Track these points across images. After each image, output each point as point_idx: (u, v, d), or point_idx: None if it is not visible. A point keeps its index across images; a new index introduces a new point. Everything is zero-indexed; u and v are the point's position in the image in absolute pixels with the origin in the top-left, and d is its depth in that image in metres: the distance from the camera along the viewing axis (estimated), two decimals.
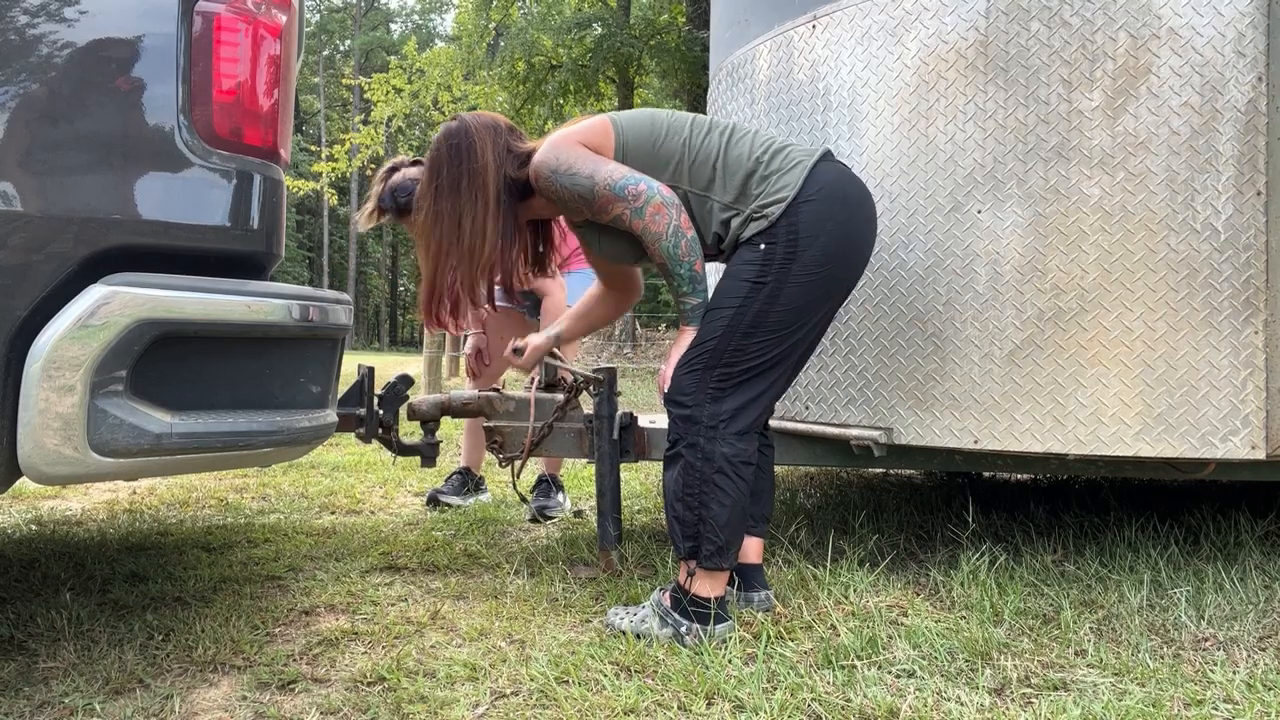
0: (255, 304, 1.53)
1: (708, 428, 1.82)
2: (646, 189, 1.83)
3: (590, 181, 1.85)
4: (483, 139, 1.94)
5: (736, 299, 1.83)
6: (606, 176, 1.85)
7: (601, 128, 1.92)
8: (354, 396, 2.47)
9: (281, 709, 1.51)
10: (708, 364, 1.83)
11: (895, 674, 1.63)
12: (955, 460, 2.43)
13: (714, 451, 1.81)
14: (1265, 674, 1.61)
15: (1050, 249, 2.07)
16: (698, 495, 1.82)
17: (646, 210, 1.83)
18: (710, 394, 1.83)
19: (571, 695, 1.53)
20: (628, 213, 1.84)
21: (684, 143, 1.91)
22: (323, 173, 19.26)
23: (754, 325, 1.82)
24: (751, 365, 1.83)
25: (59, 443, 1.38)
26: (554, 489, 3.27)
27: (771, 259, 1.82)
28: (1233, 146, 1.95)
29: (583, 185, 1.86)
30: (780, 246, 1.81)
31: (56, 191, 1.43)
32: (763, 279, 1.82)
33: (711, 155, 1.90)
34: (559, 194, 1.90)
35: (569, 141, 1.89)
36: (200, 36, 1.53)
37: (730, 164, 1.89)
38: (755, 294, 1.82)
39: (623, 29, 17.27)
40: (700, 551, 1.82)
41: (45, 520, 3.00)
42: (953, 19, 2.20)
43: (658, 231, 1.83)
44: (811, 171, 1.85)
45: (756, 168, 1.87)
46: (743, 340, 1.82)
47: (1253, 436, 1.94)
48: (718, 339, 1.83)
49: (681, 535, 1.84)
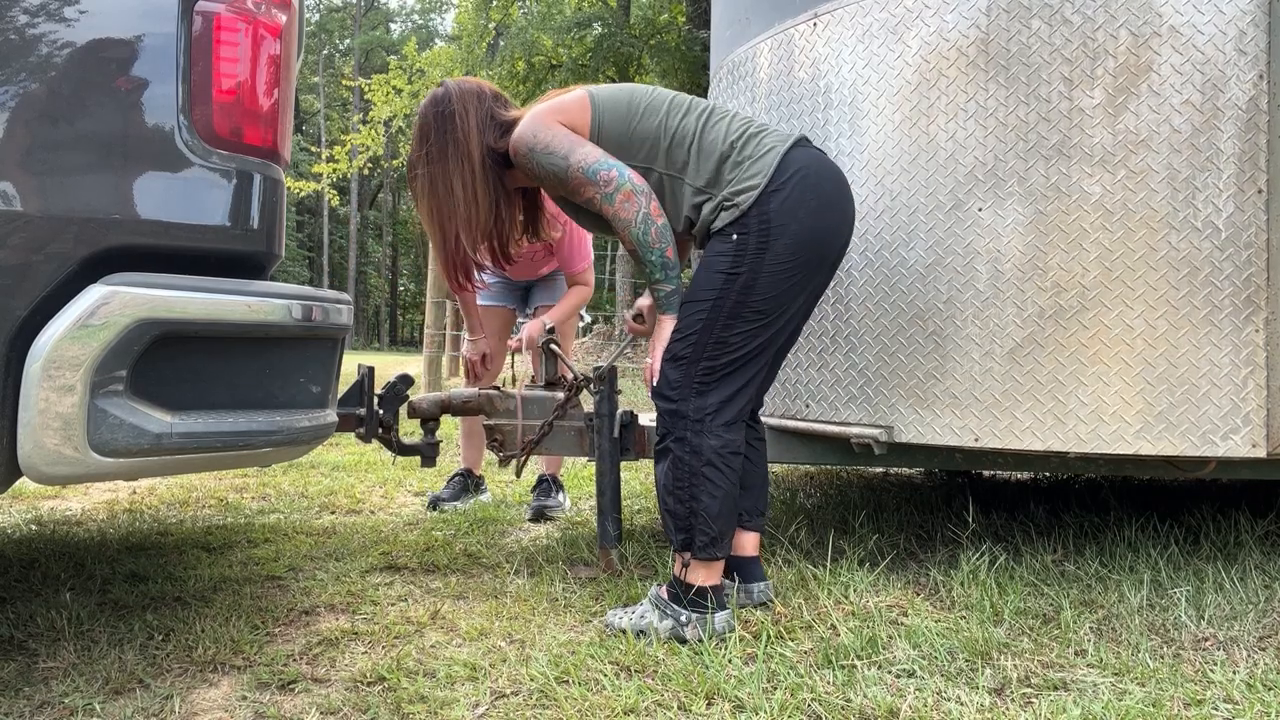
0: (255, 304, 1.53)
1: (694, 421, 1.83)
2: (617, 175, 1.84)
3: (565, 162, 1.86)
4: (465, 106, 1.96)
5: (713, 291, 1.83)
6: (580, 159, 1.85)
7: (579, 104, 1.92)
8: (354, 396, 2.46)
9: (281, 709, 1.51)
10: (692, 357, 1.84)
11: (895, 674, 1.63)
12: (956, 459, 2.43)
13: (702, 445, 1.83)
14: (1265, 674, 1.60)
15: (1051, 247, 2.07)
16: (688, 488, 1.83)
17: (616, 197, 1.84)
18: (695, 388, 1.84)
19: (571, 695, 1.53)
20: (598, 197, 1.85)
21: (660, 124, 1.91)
22: (323, 173, 19.27)
23: (732, 316, 1.82)
24: (735, 357, 1.84)
25: (59, 443, 1.38)
26: (554, 489, 3.27)
27: (744, 249, 1.82)
28: (1234, 145, 1.95)
29: (558, 165, 1.87)
30: (752, 236, 1.82)
31: (56, 191, 1.43)
32: (736, 269, 1.82)
33: (687, 137, 1.90)
34: (534, 170, 1.92)
35: (549, 119, 1.90)
36: (200, 36, 1.53)
37: (705, 147, 1.89)
38: (730, 285, 1.82)
39: (623, 29, 17.26)
40: (694, 543, 1.84)
41: (45, 520, 3.00)
42: (954, 17, 2.19)
43: (627, 218, 1.84)
44: (783, 158, 1.85)
45: (730, 152, 1.87)
46: (723, 332, 1.83)
47: (1253, 435, 1.94)
48: (699, 332, 1.84)
49: (675, 528, 1.87)
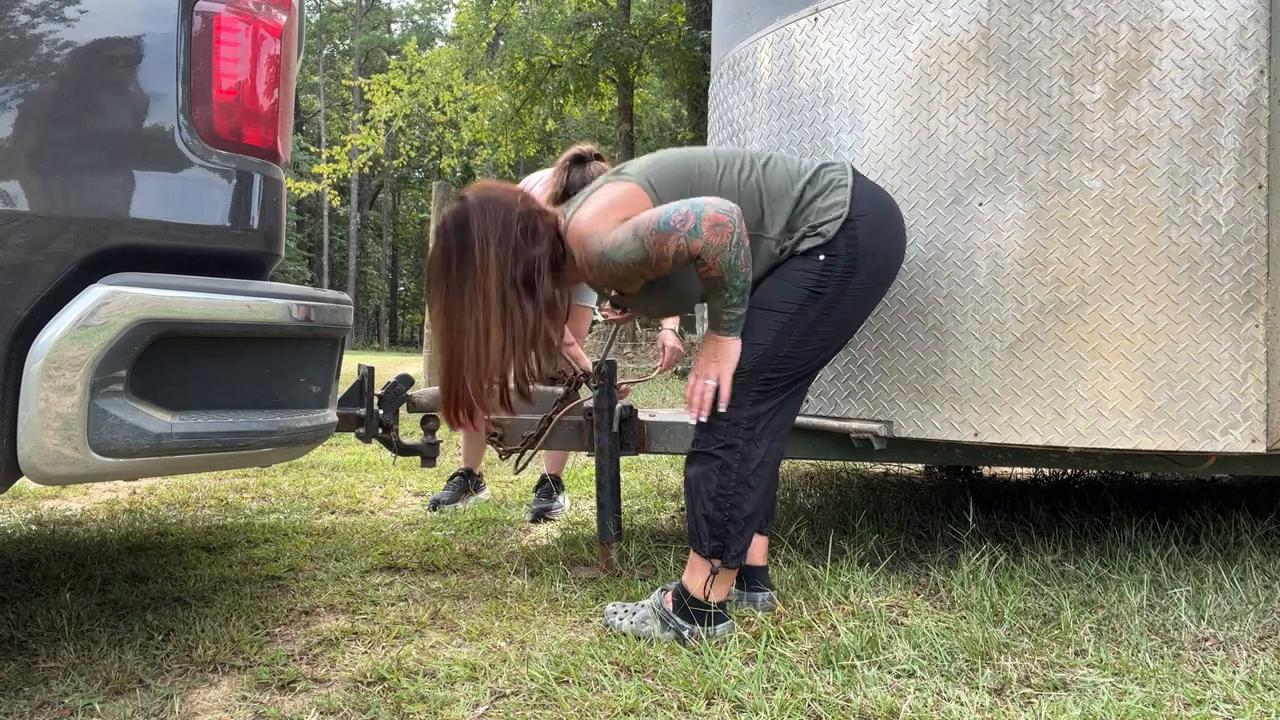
0: (255, 304, 1.53)
1: (746, 429, 1.80)
2: (690, 209, 1.68)
3: (638, 241, 1.71)
4: (486, 237, 1.79)
5: (792, 305, 1.80)
6: (648, 224, 1.70)
7: (634, 195, 1.80)
8: (354, 396, 2.46)
9: (281, 709, 1.51)
10: (755, 367, 1.80)
11: (895, 674, 1.62)
12: (955, 454, 2.42)
13: (752, 452, 1.80)
14: (1265, 674, 1.60)
15: (1051, 242, 2.07)
16: (732, 496, 1.80)
17: (702, 227, 1.66)
18: (753, 396, 1.81)
19: (571, 695, 1.53)
20: (682, 242, 1.67)
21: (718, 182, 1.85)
22: (323, 174, 19.26)
23: (806, 334, 1.81)
24: (795, 372, 1.83)
25: (59, 443, 1.38)
26: (555, 490, 3.27)
27: (832, 271, 1.80)
28: (1234, 140, 1.95)
29: (634, 250, 1.72)
30: (841, 259, 1.80)
31: (57, 191, 1.42)
32: (822, 289, 1.80)
33: (755, 193, 1.85)
34: (615, 272, 1.78)
35: (606, 220, 1.78)
36: (200, 36, 1.53)
37: (775, 196, 1.85)
38: (812, 303, 1.80)
39: (623, 29, 17.24)
40: (727, 551, 1.81)
41: (45, 520, 3.00)
42: (954, 11, 2.19)
43: (721, 244, 1.66)
44: (854, 190, 1.85)
45: (802, 195, 1.85)
46: (794, 349, 1.81)
47: (1253, 430, 1.94)
48: (769, 344, 1.80)
49: (709, 534, 1.82)
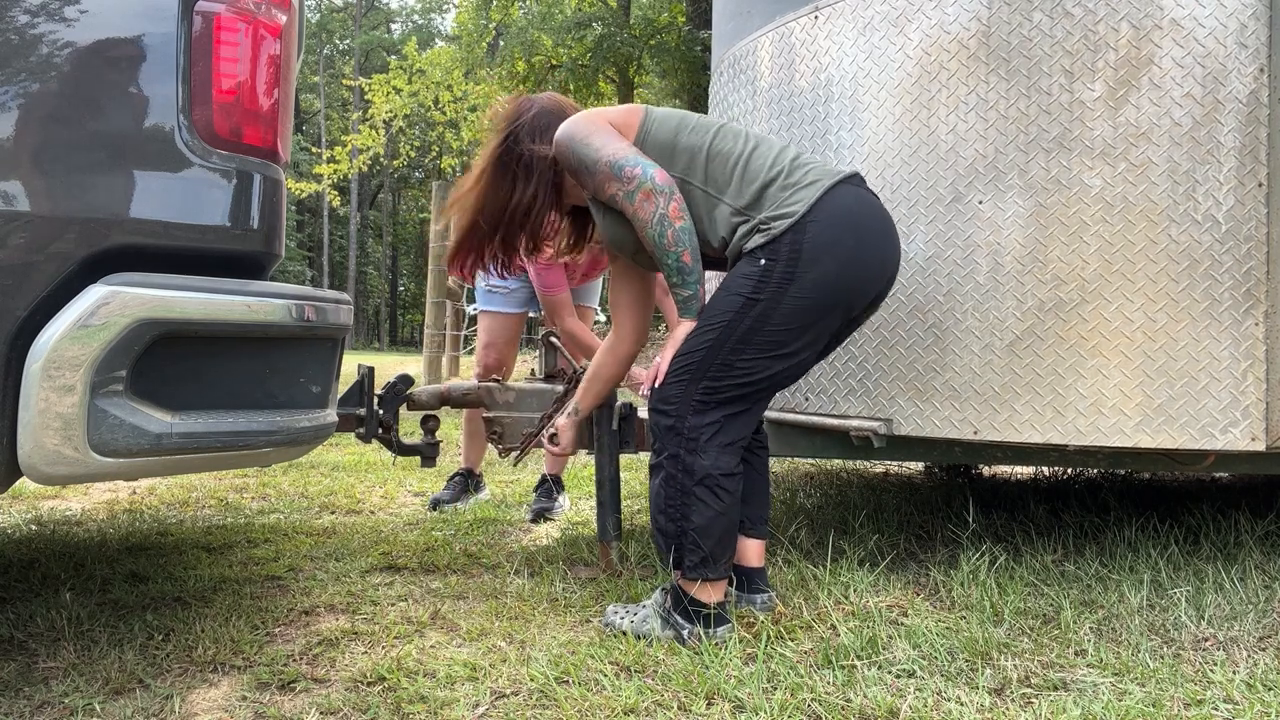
0: (255, 304, 1.52)
1: (689, 440, 1.79)
2: (641, 173, 1.80)
3: (596, 155, 1.84)
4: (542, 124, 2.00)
5: (728, 313, 1.79)
6: (610, 154, 1.83)
7: (631, 110, 1.94)
8: (354, 396, 2.46)
9: (281, 709, 1.51)
10: (694, 375, 1.79)
11: (895, 674, 1.62)
12: (955, 452, 2.42)
13: (694, 464, 1.78)
14: (1265, 674, 1.60)
15: (1051, 240, 2.07)
16: (679, 507, 1.79)
17: (636, 195, 1.79)
18: (694, 406, 1.79)
19: (571, 695, 1.53)
20: (620, 194, 1.82)
21: (706, 140, 1.88)
22: (324, 174, 19.26)
23: (743, 341, 1.77)
24: (738, 382, 1.79)
25: (59, 443, 1.38)
26: (556, 491, 3.27)
27: (769, 276, 1.76)
28: (1234, 138, 1.95)
29: (589, 157, 1.85)
30: (780, 264, 1.76)
31: (57, 191, 1.42)
32: (757, 295, 1.77)
33: (732, 157, 1.86)
34: (569, 161, 1.90)
35: (597, 118, 1.92)
36: (200, 36, 1.53)
37: (751, 169, 1.84)
38: (748, 310, 1.77)
39: (623, 29, 17.26)
40: (684, 561, 1.80)
41: (45, 520, 3.00)
42: (955, 9, 2.19)
43: (644, 218, 1.80)
44: (828, 192, 1.79)
45: (775, 178, 1.82)
46: (730, 355, 1.78)
47: (1253, 428, 1.94)
48: (705, 350, 1.79)
49: (664, 545, 1.83)
